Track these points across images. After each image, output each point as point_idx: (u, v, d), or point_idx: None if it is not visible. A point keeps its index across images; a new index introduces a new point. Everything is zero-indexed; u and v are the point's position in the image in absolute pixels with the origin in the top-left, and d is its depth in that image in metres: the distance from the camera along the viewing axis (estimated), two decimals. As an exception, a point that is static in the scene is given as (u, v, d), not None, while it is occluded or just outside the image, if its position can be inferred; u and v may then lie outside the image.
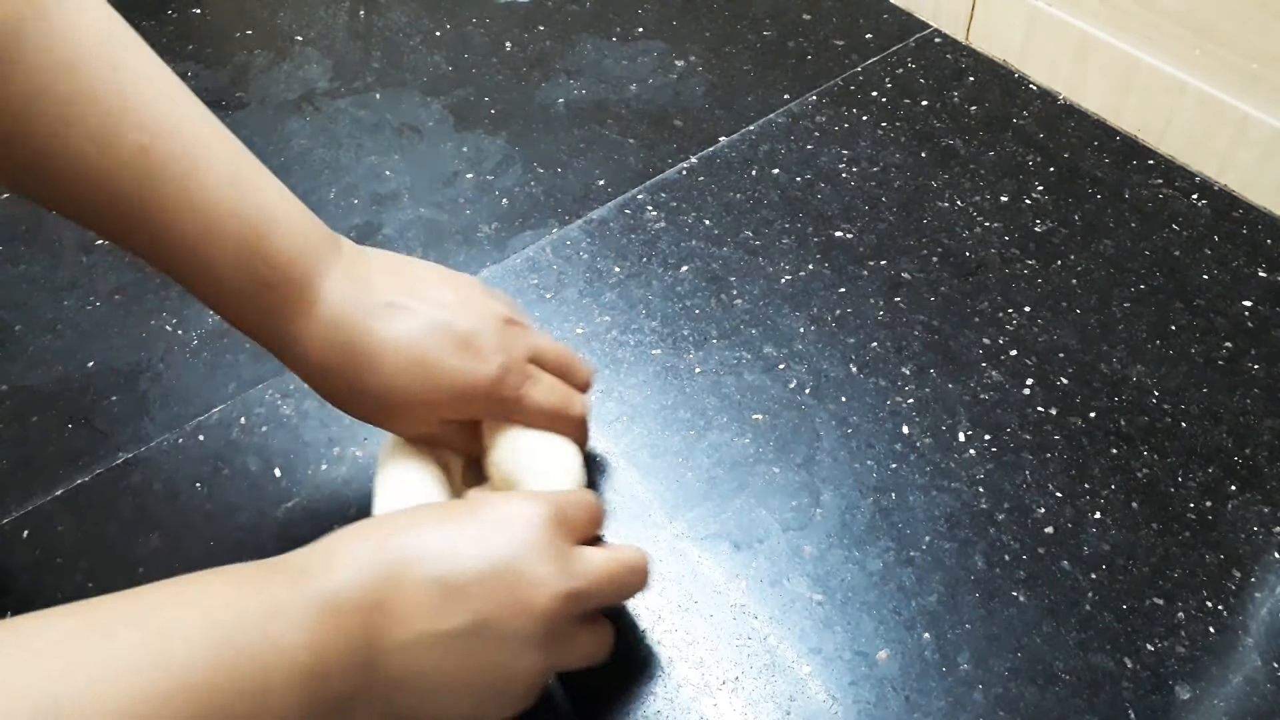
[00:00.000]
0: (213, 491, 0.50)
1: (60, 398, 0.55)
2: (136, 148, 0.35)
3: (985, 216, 0.63)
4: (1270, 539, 0.47)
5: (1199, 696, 0.42)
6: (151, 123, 0.36)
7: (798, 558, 0.47)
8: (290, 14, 0.83)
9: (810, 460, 0.51)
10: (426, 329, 0.40)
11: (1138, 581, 0.45)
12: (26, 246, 0.63)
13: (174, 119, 0.36)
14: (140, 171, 0.35)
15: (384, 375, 0.40)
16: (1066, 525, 0.48)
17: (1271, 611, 0.44)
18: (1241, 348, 0.55)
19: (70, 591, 0.46)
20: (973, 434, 0.51)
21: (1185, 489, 0.49)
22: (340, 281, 0.40)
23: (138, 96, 0.35)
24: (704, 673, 0.43)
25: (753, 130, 0.70)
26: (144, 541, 0.48)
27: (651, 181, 0.67)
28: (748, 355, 0.56)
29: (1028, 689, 0.42)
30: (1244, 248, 0.60)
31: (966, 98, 0.72)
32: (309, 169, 0.68)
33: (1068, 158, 0.67)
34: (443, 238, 0.63)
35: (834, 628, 0.44)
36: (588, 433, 0.46)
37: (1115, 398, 0.53)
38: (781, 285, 0.59)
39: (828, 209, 0.64)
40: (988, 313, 0.57)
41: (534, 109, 0.73)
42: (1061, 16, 0.69)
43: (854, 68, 0.75)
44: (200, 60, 0.78)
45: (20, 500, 0.50)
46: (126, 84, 0.35)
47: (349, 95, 0.75)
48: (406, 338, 0.40)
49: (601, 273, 0.61)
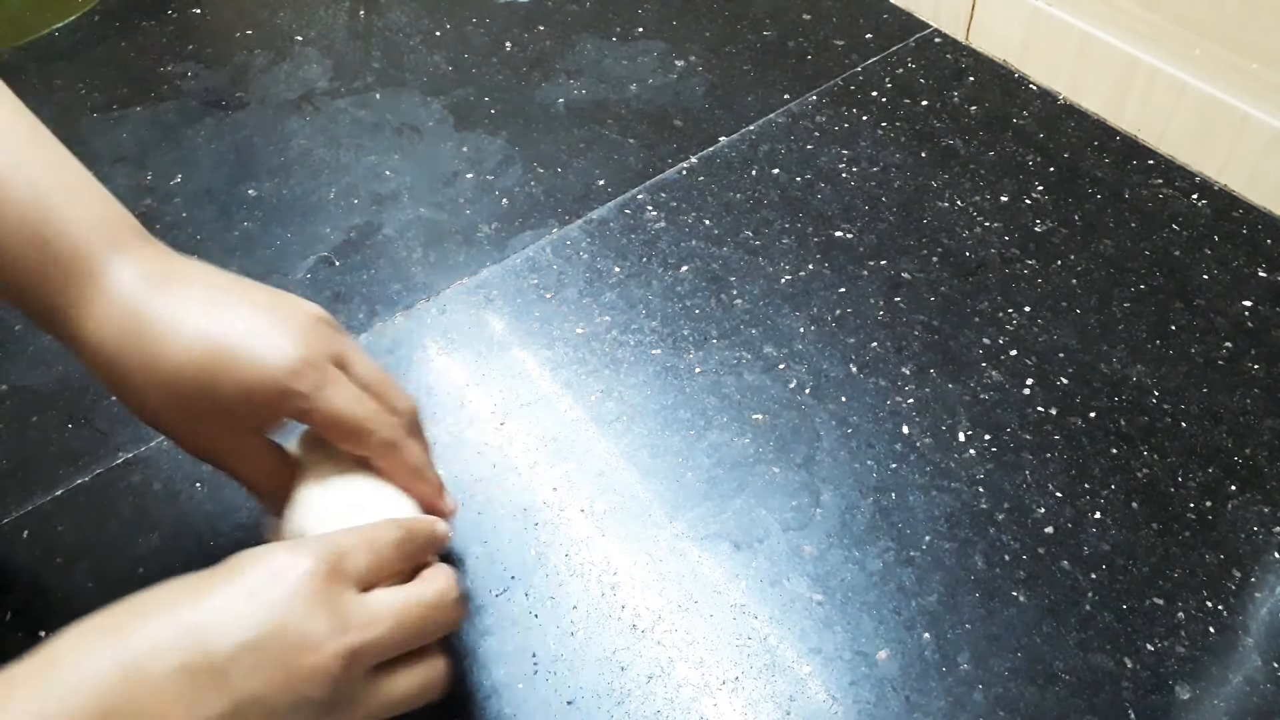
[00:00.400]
0: (213, 491, 0.50)
1: (60, 398, 0.55)
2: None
3: (985, 216, 0.63)
4: (1270, 539, 0.47)
5: (1199, 696, 0.42)
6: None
7: (798, 558, 0.47)
8: (290, 14, 0.83)
9: (810, 460, 0.51)
10: (222, 314, 0.37)
11: (1138, 581, 0.45)
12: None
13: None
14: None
15: (170, 359, 0.36)
16: (1066, 525, 0.48)
17: (1271, 611, 0.44)
18: (1241, 348, 0.55)
19: (70, 591, 0.46)
20: (973, 434, 0.51)
21: (1185, 489, 0.49)
22: (135, 264, 0.37)
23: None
24: (704, 673, 0.43)
25: (753, 130, 0.70)
26: (144, 541, 0.48)
27: (651, 181, 0.67)
28: (748, 355, 0.56)
29: (1028, 689, 0.42)
30: (1244, 248, 0.60)
31: (966, 98, 0.72)
32: (309, 169, 0.69)
33: (1068, 158, 0.67)
34: (443, 238, 0.63)
35: (834, 628, 0.44)
36: (420, 472, 0.40)
37: (1115, 398, 0.53)
38: (781, 285, 0.59)
39: (828, 209, 0.64)
40: (988, 313, 0.57)
41: (534, 109, 0.73)
42: (1061, 16, 0.69)
43: (854, 68, 0.75)
44: (200, 60, 0.78)
45: (20, 500, 0.50)
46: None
47: (349, 95, 0.75)
48: (198, 320, 0.36)
49: (601, 273, 0.61)
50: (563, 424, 0.53)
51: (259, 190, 0.67)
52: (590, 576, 0.46)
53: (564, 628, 0.45)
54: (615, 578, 0.46)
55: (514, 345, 0.57)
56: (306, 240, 0.63)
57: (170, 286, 0.37)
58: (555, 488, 0.50)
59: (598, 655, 0.44)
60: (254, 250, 0.63)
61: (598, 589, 0.46)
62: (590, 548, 0.48)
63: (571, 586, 0.46)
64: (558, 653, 0.44)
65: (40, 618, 0.45)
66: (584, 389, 0.54)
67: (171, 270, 0.38)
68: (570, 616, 0.45)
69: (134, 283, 0.37)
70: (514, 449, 0.52)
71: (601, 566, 0.47)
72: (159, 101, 0.74)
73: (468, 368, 0.56)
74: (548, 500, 0.49)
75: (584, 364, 0.56)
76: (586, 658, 0.44)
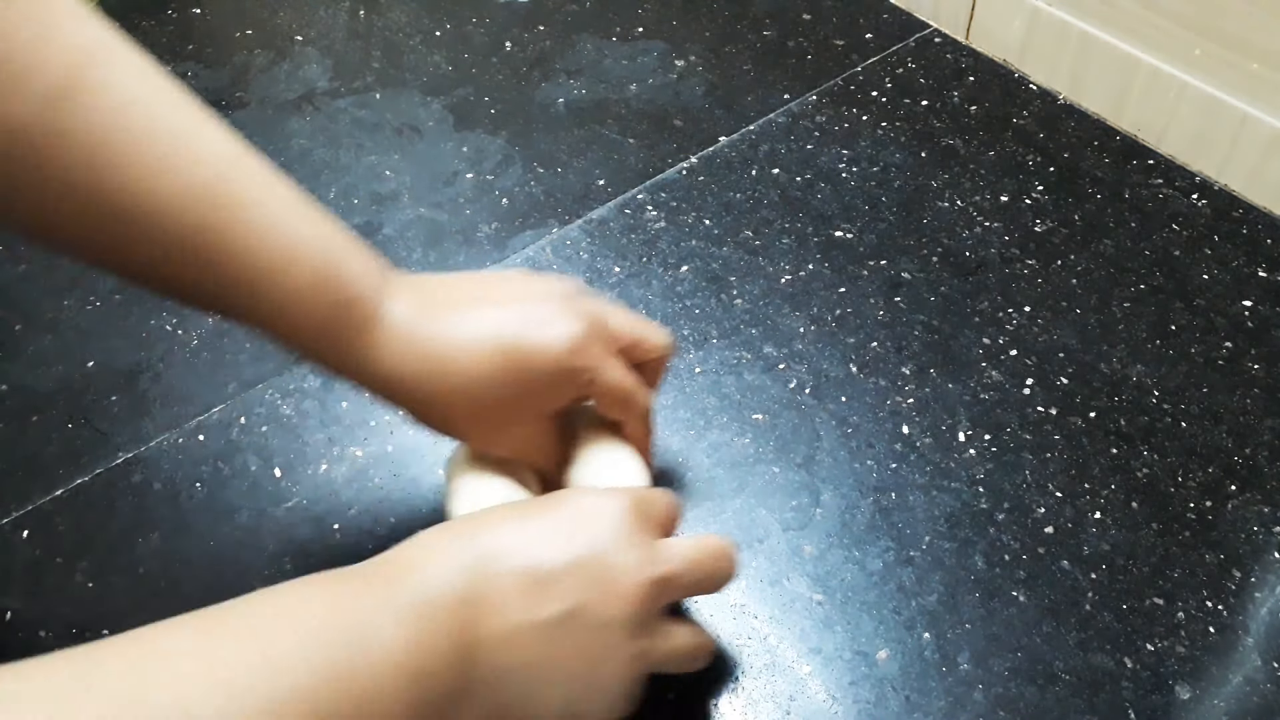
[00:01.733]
0: (213, 491, 0.50)
1: (60, 398, 0.55)
2: (213, 176, 0.35)
3: (985, 216, 0.63)
4: (1270, 539, 0.47)
5: (1199, 696, 0.42)
6: (221, 154, 0.36)
7: (798, 558, 0.47)
8: (290, 14, 0.83)
9: (810, 460, 0.51)
10: (496, 315, 0.40)
11: (1138, 581, 0.45)
12: (27, 246, 0.63)
13: (237, 150, 0.37)
14: (217, 200, 0.35)
15: (465, 370, 0.39)
16: (1066, 525, 0.48)
17: (1271, 611, 0.44)
18: (1241, 348, 0.55)
19: (70, 591, 0.46)
20: (973, 434, 0.51)
21: (1185, 489, 0.49)
22: (403, 296, 0.39)
23: (203, 128, 0.36)
24: (704, 672, 0.43)
25: (753, 130, 0.70)
26: (144, 541, 0.48)
27: (651, 181, 0.67)
28: (748, 355, 0.56)
29: (1028, 689, 0.42)
30: (1244, 248, 0.60)
31: (966, 98, 0.72)
32: (309, 169, 0.68)
33: (1068, 158, 0.67)
34: (443, 238, 0.63)
35: (834, 628, 0.44)
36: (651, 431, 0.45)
37: (1115, 398, 0.53)
38: (781, 285, 0.59)
39: (828, 209, 0.64)
40: (988, 313, 0.57)
41: (534, 109, 0.73)
42: (1061, 16, 0.69)
43: (854, 68, 0.75)
44: (200, 60, 0.78)
45: (20, 500, 0.50)
46: (191, 119, 0.36)
47: (349, 95, 0.75)
48: (479, 328, 0.39)
49: (601, 273, 0.61)
50: (563, 424, 0.53)
51: (259, 190, 0.67)
52: (590, 576, 0.46)
53: (564, 628, 0.45)
54: (615, 578, 0.46)
55: (514, 345, 0.57)
56: (306, 240, 0.63)
57: (440, 307, 0.40)
58: (555, 488, 0.50)
59: (598, 655, 0.44)
60: (254, 250, 0.63)
61: (598, 589, 0.46)
62: (590, 548, 0.47)
63: (571, 586, 0.46)
64: (558, 653, 0.44)
65: (40, 618, 0.46)
66: (584, 389, 0.54)
67: (432, 291, 0.41)
68: (570, 616, 0.45)
69: (409, 312, 0.39)
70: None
71: (601, 566, 0.47)
72: (159, 101, 0.74)
73: (468, 368, 0.56)
74: (548, 500, 0.49)
75: (584, 364, 0.56)
76: (586, 658, 0.44)
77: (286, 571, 0.46)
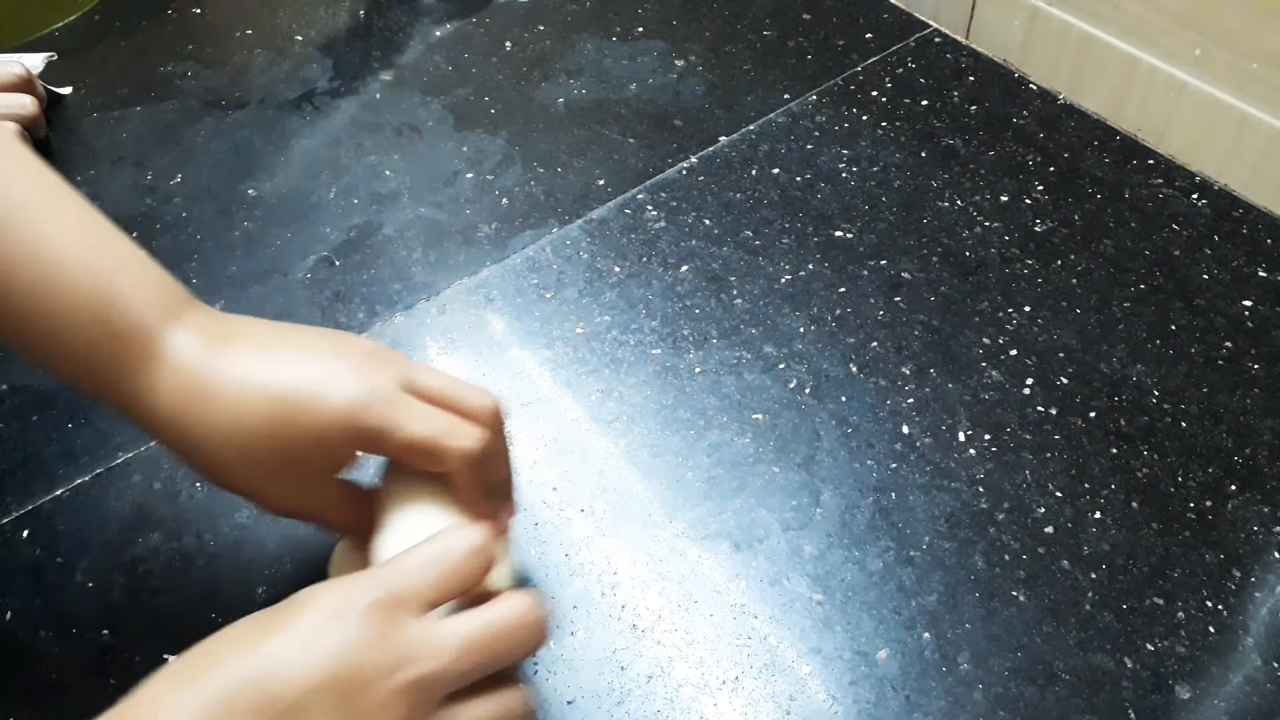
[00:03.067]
0: (213, 491, 0.50)
1: (60, 398, 0.55)
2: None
3: (985, 216, 0.63)
4: (1270, 539, 0.47)
5: (1199, 696, 0.42)
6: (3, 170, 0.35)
7: (798, 557, 0.47)
8: (290, 14, 0.83)
9: (810, 460, 0.51)
10: (281, 365, 0.37)
11: (1138, 581, 0.45)
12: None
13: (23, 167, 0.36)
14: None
15: (231, 415, 0.36)
16: (1066, 525, 0.48)
17: (1271, 611, 0.44)
18: (1241, 348, 0.55)
19: (70, 591, 0.46)
20: (973, 434, 0.51)
21: (1185, 489, 0.49)
22: (191, 331, 0.38)
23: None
24: (704, 673, 0.43)
25: (753, 130, 0.70)
26: (144, 541, 0.48)
27: (651, 181, 0.67)
28: (748, 355, 0.56)
29: (1028, 689, 0.42)
30: (1244, 248, 0.60)
31: (966, 97, 0.72)
32: (309, 169, 0.69)
33: (1068, 158, 0.67)
34: (443, 238, 0.63)
35: (834, 628, 0.44)
36: (507, 476, 0.41)
37: (1115, 398, 0.53)
38: (781, 285, 0.59)
39: (828, 209, 0.64)
40: (988, 313, 0.57)
41: (534, 109, 0.73)
42: (1061, 16, 0.69)
43: (854, 68, 0.75)
44: (200, 60, 0.78)
45: (20, 500, 0.50)
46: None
47: (349, 95, 0.75)
48: (258, 375, 0.37)
49: (601, 272, 0.61)
50: (562, 424, 0.53)
51: (259, 190, 0.67)
52: (590, 576, 0.46)
53: (564, 627, 0.45)
54: (615, 577, 0.46)
55: (514, 345, 0.57)
56: (306, 240, 0.63)
57: (227, 347, 0.37)
58: (555, 487, 0.50)
59: (597, 655, 0.44)
60: (254, 250, 0.63)
61: (598, 589, 0.46)
62: (590, 547, 0.48)
63: (571, 586, 0.46)
64: (557, 652, 0.44)
65: (40, 618, 0.46)
66: (584, 389, 0.54)
67: (226, 331, 0.38)
68: (570, 616, 0.45)
69: (191, 348, 0.37)
70: (514, 449, 0.52)
71: (601, 566, 0.47)
72: (159, 101, 0.74)
73: (467, 367, 0.56)
74: (548, 500, 0.49)
75: (584, 364, 0.56)
76: (586, 657, 0.44)
77: (286, 571, 0.46)
